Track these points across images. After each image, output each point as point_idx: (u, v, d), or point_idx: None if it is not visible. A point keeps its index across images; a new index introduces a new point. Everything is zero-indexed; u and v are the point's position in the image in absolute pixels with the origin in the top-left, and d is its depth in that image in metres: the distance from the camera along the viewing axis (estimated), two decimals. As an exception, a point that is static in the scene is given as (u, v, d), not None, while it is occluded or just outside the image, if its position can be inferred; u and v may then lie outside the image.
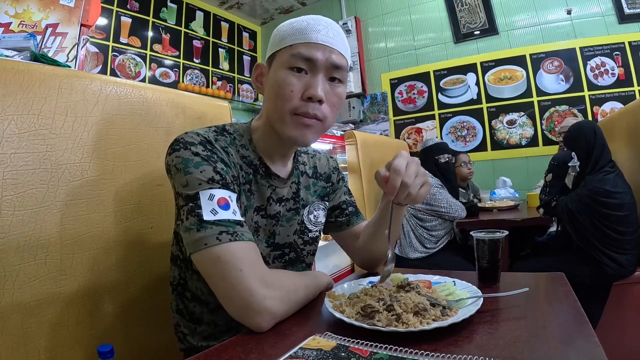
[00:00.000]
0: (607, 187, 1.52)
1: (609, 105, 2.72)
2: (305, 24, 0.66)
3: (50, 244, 0.66)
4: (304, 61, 0.64)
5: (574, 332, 0.50)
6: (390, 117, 3.50)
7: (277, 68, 0.66)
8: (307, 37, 0.64)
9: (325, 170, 0.87)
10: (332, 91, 0.67)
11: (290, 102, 0.64)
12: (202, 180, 0.59)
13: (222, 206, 0.58)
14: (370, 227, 0.83)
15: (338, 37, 0.67)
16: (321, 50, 0.64)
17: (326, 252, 2.39)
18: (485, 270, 0.72)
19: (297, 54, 0.64)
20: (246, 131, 0.73)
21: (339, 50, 0.66)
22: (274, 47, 0.68)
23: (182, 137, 0.63)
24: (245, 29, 4.16)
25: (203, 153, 0.61)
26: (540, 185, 2.58)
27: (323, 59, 0.64)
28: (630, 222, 1.54)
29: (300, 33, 0.65)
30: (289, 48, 0.65)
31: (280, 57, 0.66)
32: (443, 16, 3.27)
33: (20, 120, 0.64)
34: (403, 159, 0.61)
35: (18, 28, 1.38)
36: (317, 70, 0.65)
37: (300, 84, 0.64)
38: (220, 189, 0.60)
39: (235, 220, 0.59)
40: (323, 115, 0.66)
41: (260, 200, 0.71)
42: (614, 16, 2.69)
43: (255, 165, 0.71)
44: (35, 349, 0.63)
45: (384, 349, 0.45)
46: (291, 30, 0.66)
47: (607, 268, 1.53)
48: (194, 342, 0.71)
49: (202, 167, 0.60)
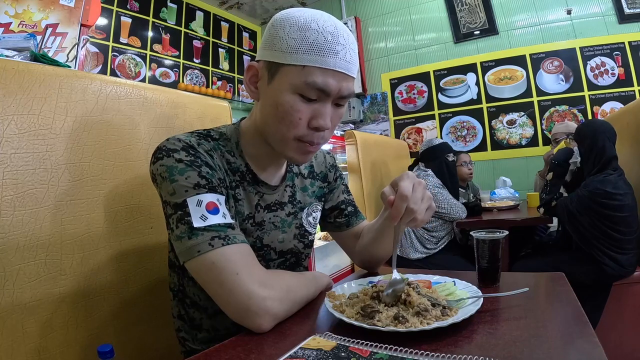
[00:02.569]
0: (607, 189, 1.51)
1: (609, 105, 2.71)
2: (322, 39, 0.57)
3: (50, 244, 0.66)
4: (317, 91, 0.59)
5: (574, 332, 0.50)
6: (390, 117, 3.50)
7: (284, 88, 0.59)
8: (325, 61, 0.57)
9: (322, 169, 0.85)
10: (335, 113, 0.63)
11: (295, 129, 0.61)
12: (188, 186, 0.58)
13: (211, 211, 0.58)
14: (371, 233, 0.82)
15: (354, 58, 0.61)
16: (337, 79, 0.59)
17: (326, 252, 2.39)
18: (485, 270, 0.72)
19: (311, 83, 0.58)
20: (233, 134, 0.70)
21: (352, 77, 0.62)
22: (280, 56, 0.59)
23: (164, 144, 0.62)
24: (245, 29, 4.16)
25: (186, 159, 0.60)
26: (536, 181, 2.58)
27: (336, 90, 0.60)
28: (630, 223, 1.53)
29: (316, 52, 0.57)
30: (302, 70, 0.58)
31: (289, 75, 0.59)
32: (443, 16, 3.27)
33: (20, 120, 0.64)
34: (409, 181, 0.59)
35: (18, 28, 1.38)
36: (328, 100, 0.61)
37: (308, 111, 0.60)
38: (207, 194, 0.58)
39: (226, 224, 0.58)
40: (325, 140, 0.65)
41: (248, 208, 0.69)
42: (614, 16, 2.69)
43: (242, 172, 0.69)
44: (35, 349, 0.63)
45: (384, 349, 0.45)
46: (305, 45, 0.57)
47: (607, 268, 1.53)
48: (195, 346, 0.71)
49: (187, 174, 0.59)
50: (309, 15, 0.59)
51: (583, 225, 1.57)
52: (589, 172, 1.62)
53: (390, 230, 0.77)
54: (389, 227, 0.77)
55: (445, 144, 2.17)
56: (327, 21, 0.59)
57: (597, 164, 1.58)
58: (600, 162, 1.57)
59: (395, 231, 0.63)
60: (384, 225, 0.78)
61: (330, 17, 0.60)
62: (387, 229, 0.78)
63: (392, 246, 0.83)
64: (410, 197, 0.58)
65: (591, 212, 1.54)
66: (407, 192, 0.57)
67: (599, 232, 1.54)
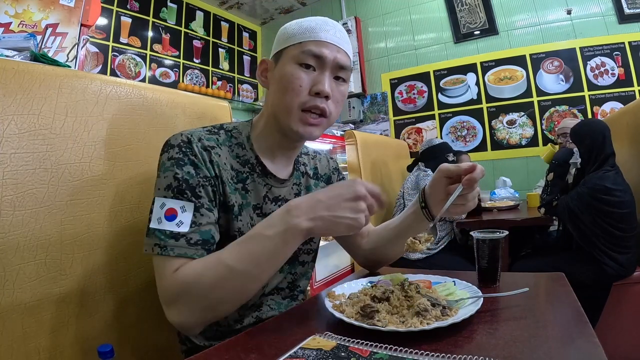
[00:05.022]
0: (607, 184, 1.52)
1: (609, 105, 2.71)
2: (314, 23, 0.69)
3: (50, 244, 0.66)
4: (313, 58, 0.66)
5: (574, 332, 0.50)
6: (390, 117, 3.50)
7: (285, 63, 0.68)
8: (317, 35, 0.67)
9: (326, 172, 0.87)
10: (336, 88, 0.69)
11: (298, 97, 0.66)
12: (161, 186, 0.62)
13: (168, 217, 0.60)
14: (389, 231, 0.81)
15: (344, 39, 0.71)
16: (330, 48, 0.67)
17: (326, 252, 2.39)
18: (485, 270, 0.72)
19: (307, 50, 0.66)
20: (245, 128, 0.74)
21: (345, 51, 0.70)
22: (281, 45, 0.70)
23: (170, 138, 0.66)
24: (245, 29, 4.16)
25: (176, 156, 0.63)
26: (540, 185, 2.58)
27: (331, 57, 0.67)
28: (630, 220, 1.54)
29: (309, 32, 0.67)
30: (299, 45, 0.67)
31: (289, 53, 0.68)
32: (443, 16, 3.27)
33: (20, 120, 0.64)
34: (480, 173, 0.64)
35: (18, 28, 1.38)
36: (325, 68, 0.67)
37: (308, 79, 0.66)
38: (172, 199, 0.61)
39: (174, 233, 0.59)
40: (329, 110, 0.68)
41: (256, 198, 0.71)
42: (614, 16, 2.69)
43: (252, 164, 0.72)
44: (35, 349, 0.63)
45: (383, 349, 0.45)
46: (300, 29, 0.68)
47: (607, 268, 1.53)
48: (197, 341, 0.71)
49: (167, 173, 0.62)
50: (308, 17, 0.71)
51: (584, 223, 1.57)
52: (588, 170, 1.63)
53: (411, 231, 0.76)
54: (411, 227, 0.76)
55: (445, 143, 2.17)
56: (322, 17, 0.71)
57: (597, 161, 1.59)
58: (598, 160, 1.58)
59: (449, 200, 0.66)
60: (406, 224, 0.77)
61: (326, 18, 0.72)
62: (408, 230, 0.76)
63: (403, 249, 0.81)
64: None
65: (592, 209, 1.54)
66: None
67: (599, 230, 1.54)
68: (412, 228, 0.76)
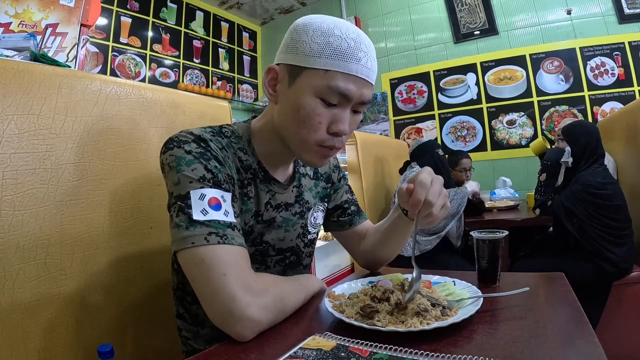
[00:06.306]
0: (598, 179, 1.59)
1: (609, 105, 2.72)
2: (345, 45, 0.58)
3: (50, 244, 0.66)
4: (338, 96, 0.60)
5: (574, 332, 0.50)
6: (390, 117, 3.50)
7: (306, 91, 0.60)
8: (348, 66, 0.58)
9: (326, 170, 0.86)
10: (352, 120, 0.64)
11: (316, 134, 0.62)
12: (193, 178, 0.57)
13: (213, 206, 0.57)
14: (378, 234, 0.83)
15: (375, 66, 0.63)
16: (358, 85, 0.60)
17: (326, 252, 2.39)
18: (485, 270, 0.72)
19: (334, 86, 0.58)
20: (245, 132, 0.70)
21: (371, 84, 0.63)
22: (300, 60, 0.60)
23: (176, 135, 0.62)
24: (245, 29, 4.16)
25: (196, 150, 0.60)
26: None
27: (357, 95, 0.61)
28: (624, 210, 1.60)
29: (339, 58, 0.58)
30: (324, 75, 0.58)
31: (312, 79, 0.59)
32: (443, 16, 3.27)
33: (20, 120, 0.64)
34: (428, 174, 0.60)
35: (18, 28, 1.38)
36: (348, 105, 0.62)
37: (328, 115, 0.61)
38: (211, 188, 0.57)
39: (226, 222, 0.57)
40: (342, 145, 0.66)
41: (257, 205, 0.69)
42: (614, 16, 2.69)
43: (254, 169, 0.69)
44: (35, 349, 0.63)
45: (383, 349, 0.45)
46: (329, 49, 0.58)
47: (605, 264, 1.55)
48: (197, 345, 0.71)
49: (194, 165, 0.58)
50: (331, 22, 0.60)
51: (580, 218, 1.60)
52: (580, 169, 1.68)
53: (397, 233, 0.78)
54: (397, 228, 0.78)
55: (432, 140, 2.21)
56: (350, 28, 0.60)
57: (589, 161, 1.65)
58: (592, 160, 1.65)
59: (415, 231, 0.64)
60: (392, 227, 0.78)
61: (351, 25, 0.62)
62: (394, 231, 0.78)
63: (397, 248, 0.83)
64: (428, 186, 0.59)
65: (587, 205, 1.59)
66: (427, 182, 0.59)
67: (596, 222, 1.58)
68: (398, 229, 0.78)
